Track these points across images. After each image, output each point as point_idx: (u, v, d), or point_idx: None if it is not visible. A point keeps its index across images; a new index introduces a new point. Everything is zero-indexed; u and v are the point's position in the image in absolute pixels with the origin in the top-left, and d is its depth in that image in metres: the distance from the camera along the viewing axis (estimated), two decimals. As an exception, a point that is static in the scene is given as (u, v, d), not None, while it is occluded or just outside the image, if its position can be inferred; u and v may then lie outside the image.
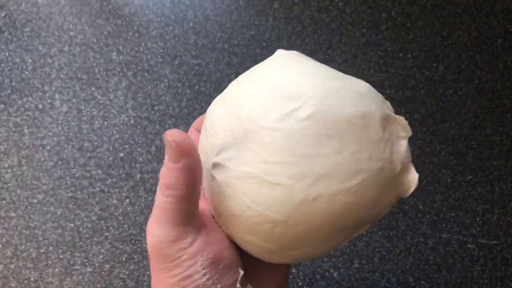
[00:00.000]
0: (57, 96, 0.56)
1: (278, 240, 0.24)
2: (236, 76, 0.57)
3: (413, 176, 0.25)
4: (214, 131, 0.25)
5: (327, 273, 0.51)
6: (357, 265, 0.52)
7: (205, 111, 0.56)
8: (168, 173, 0.23)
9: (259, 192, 0.23)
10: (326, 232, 0.24)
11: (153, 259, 0.24)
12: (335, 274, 0.51)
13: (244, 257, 0.27)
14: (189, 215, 0.24)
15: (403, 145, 0.25)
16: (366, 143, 0.23)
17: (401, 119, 0.25)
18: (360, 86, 0.26)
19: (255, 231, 0.24)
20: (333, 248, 0.25)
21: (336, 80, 0.25)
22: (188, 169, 0.23)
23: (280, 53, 0.30)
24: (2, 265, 0.52)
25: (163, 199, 0.23)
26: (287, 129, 0.22)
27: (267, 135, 0.23)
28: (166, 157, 0.23)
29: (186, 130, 0.56)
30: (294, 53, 0.30)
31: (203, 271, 0.23)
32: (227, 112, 0.25)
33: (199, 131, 0.30)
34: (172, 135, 0.22)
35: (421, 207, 0.52)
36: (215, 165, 0.25)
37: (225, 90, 0.27)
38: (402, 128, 0.25)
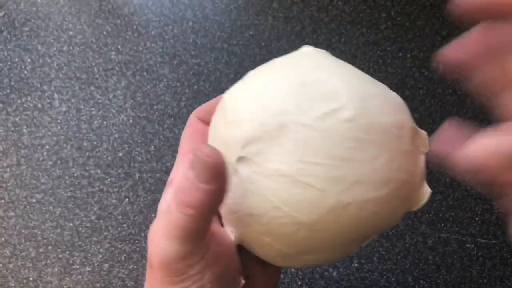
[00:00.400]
0: (56, 95, 0.56)
1: (298, 243, 0.23)
2: (236, 76, 0.57)
3: (426, 191, 0.25)
4: (238, 121, 0.23)
5: (326, 273, 0.51)
6: (356, 265, 0.52)
7: (204, 110, 0.56)
8: (193, 191, 0.20)
9: (289, 192, 0.22)
10: (346, 239, 0.23)
11: (157, 270, 0.22)
12: (334, 274, 0.51)
13: (242, 260, 0.26)
14: (203, 232, 0.22)
15: (422, 160, 0.24)
16: (398, 153, 0.23)
17: (425, 134, 0.25)
18: (395, 95, 0.26)
19: (276, 233, 0.23)
20: (343, 256, 0.25)
21: (372, 85, 0.25)
22: (217, 192, 0.21)
23: (308, 50, 0.28)
24: (1, 265, 0.52)
25: (178, 216, 0.21)
26: (326, 129, 0.21)
27: (304, 132, 0.21)
28: (193, 173, 0.20)
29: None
30: (323, 52, 0.28)
31: (209, 285, 0.22)
32: (255, 103, 0.23)
33: (201, 120, 0.28)
34: (208, 155, 0.20)
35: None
36: (241, 159, 0.23)
37: (247, 81, 0.25)
38: (423, 143, 0.25)
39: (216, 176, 0.21)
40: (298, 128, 0.22)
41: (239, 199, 0.23)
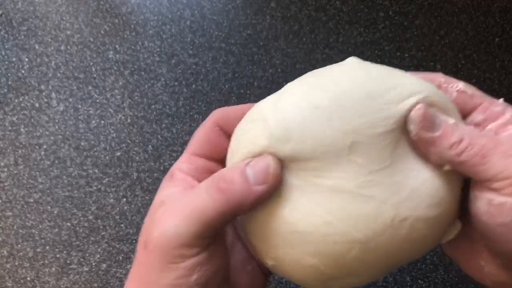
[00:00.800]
0: (53, 95, 0.56)
1: (347, 265, 0.21)
2: (233, 75, 0.57)
3: (458, 224, 0.23)
4: (290, 137, 0.21)
5: (324, 272, 0.52)
6: (354, 264, 0.52)
7: (203, 110, 0.56)
8: (244, 190, 0.20)
9: (345, 207, 0.21)
10: (392, 263, 0.22)
11: (156, 253, 0.21)
12: (332, 273, 0.52)
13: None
14: (215, 233, 0.21)
15: (459, 189, 0.23)
16: (452, 175, 0.21)
17: None
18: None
19: (325, 252, 0.21)
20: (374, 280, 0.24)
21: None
22: (264, 197, 0.20)
23: (353, 61, 0.26)
24: (-2, 265, 0.52)
25: (210, 205, 0.20)
26: (396, 134, 0.21)
27: (376, 143, 0.21)
28: (251, 174, 0.20)
29: (183, 128, 0.56)
30: (368, 63, 0.26)
31: (195, 287, 0.21)
32: (317, 121, 0.21)
33: (220, 128, 0.25)
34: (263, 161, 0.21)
35: (418, 206, 0.53)
36: (294, 170, 0.21)
37: (297, 94, 0.23)
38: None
39: (275, 183, 0.20)
40: (369, 141, 0.21)
41: (283, 215, 0.21)
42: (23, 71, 0.57)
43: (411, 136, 0.21)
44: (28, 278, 0.52)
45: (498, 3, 0.57)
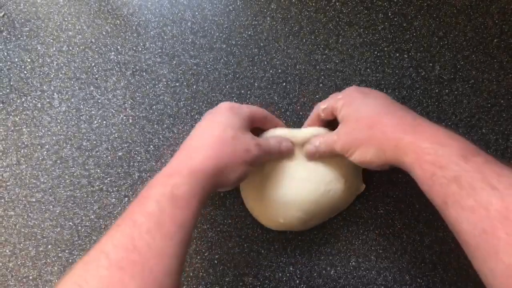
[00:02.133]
0: (56, 95, 0.57)
1: (312, 212, 0.48)
2: (234, 76, 0.57)
3: (363, 186, 0.52)
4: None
5: (324, 271, 0.52)
6: (353, 263, 0.52)
7: (203, 110, 0.56)
8: (283, 155, 0.48)
9: (303, 185, 0.48)
10: (330, 208, 0.50)
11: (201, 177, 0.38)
12: (332, 272, 0.52)
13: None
14: (260, 161, 0.44)
15: (360, 170, 0.52)
16: (348, 166, 0.49)
17: None
18: None
19: (303, 208, 0.47)
20: (326, 219, 0.52)
21: None
22: (284, 155, 0.48)
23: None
24: (0, 264, 0.53)
25: (275, 151, 0.46)
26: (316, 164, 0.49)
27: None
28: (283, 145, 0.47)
29: (185, 129, 0.56)
30: None
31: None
32: None
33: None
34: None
35: (417, 206, 0.53)
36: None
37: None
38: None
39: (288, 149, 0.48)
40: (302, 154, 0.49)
41: (284, 192, 0.47)
42: (25, 72, 0.57)
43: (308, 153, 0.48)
44: (31, 277, 0.52)
45: (497, 4, 0.57)
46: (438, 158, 0.34)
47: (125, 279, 0.30)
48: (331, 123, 0.49)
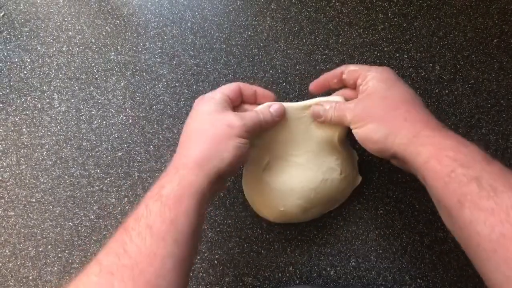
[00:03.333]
0: (55, 95, 0.57)
1: (312, 200, 0.48)
2: (234, 76, 0.57)
3: (359, 178, 0.52)
4: None
5: (324, 271, 0.52)
6: (353, 263, 0.52)
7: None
8: (275, 119, 0.44)
9: (303, 173, 0.47)
10: (327, 198, 0.49)
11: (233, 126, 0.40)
12: (331, 272, 0.52)
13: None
14: (254, 132, 0.42)
15: (356, 163, 0.53)
16: (346, 157, 0.49)
17: (355, 153, 0.54)
18: None
19: (303, 196, 0.47)
20: (327, 210, 0.52)
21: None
22: (275, 122, 0.45)
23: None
24: (0, 264, 0.52)
25: (266, 117, 0.43)
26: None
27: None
28: (272, 110, 0.44)
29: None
30: None
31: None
32: None
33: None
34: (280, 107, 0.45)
35: (417, 206, 0.53)
36: (280, 156, 0.49)
37: None
38: (355, 156, 0.53)
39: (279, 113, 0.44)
40: (302, 138, 0.48)
41: (284, 179, 0.47)
42: (25, 72, 0.57)
43: (316, 121, 0.46)
44: (30, 277, 0.52)
45: (496, 4, 0.57)
46: (460, 156, 0.33)
47: (115, 283, 0.30)
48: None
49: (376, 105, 0.40)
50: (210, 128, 0.40)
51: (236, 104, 0.45)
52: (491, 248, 0.29)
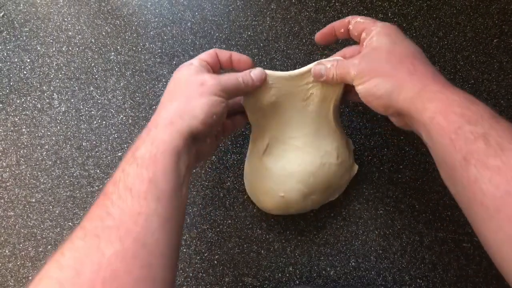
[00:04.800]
0: (55, 95, 0.57)
1: (311, 185, 0.48)
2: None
3: (356, 167, 0.52)
4: None
5: (323, 271, 0.52)
6: (353, 263, 0.52)
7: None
8: (255, 83, 0.43)
9: (300, 157, 0.48)
10: (327, 184, 0.49)
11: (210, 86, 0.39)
12: (331, 273, 0.52)
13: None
14: (232, 95, 0.41)
15: (352, 152, 0.53)
16: (343, 145, 0.50)
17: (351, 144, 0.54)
18: None
19: (302, 180, 0.48)
20: (327, 200, 0.52)
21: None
22: (256, 86, 0.44)
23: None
24: (0, 264, 0.52)
25: (236, 82, 0.41)
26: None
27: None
28: (253, 74, 0.43)
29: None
30: None
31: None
32: None
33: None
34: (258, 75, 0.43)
35: (417, 206, 0.53)
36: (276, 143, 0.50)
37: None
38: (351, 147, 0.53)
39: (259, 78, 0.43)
40: (301, 115, 0.48)
41: (283, 163, 0.48)
42: (25, 72, 0.57)
43: (318, 81, 0.45)
44: (30, 278, 0.52)
45: (496, 4, 0.57)
46: (468, 112, 0.32)
47: (101, 244, 0.30)
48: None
49: (381, 59, 0.39)
50: (184, 88, 0.39)
51: (216, 69, 0.44)
52: (494, 206, 0.28)
